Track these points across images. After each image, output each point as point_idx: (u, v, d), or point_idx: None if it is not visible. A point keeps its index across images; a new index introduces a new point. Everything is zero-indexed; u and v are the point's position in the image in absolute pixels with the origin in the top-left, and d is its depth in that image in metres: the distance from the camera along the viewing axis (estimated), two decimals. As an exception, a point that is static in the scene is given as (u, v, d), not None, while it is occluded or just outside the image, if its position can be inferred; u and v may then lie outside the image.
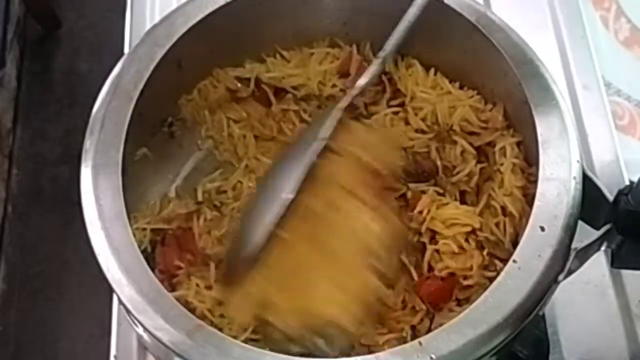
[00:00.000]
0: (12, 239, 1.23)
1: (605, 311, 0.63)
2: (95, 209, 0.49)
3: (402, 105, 0.61)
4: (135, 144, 0.54)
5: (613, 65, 0.74)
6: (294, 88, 0.62)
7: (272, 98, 0.62)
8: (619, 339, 0.62)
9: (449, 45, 0.59)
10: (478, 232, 0.55)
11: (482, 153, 0.58)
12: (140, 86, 0.53)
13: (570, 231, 0.48)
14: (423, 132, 0.59)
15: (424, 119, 0.60)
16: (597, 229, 0.51)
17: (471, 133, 0.59)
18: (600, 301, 0.64)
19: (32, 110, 1.33)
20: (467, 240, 0.55)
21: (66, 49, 1.40)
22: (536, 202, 0.49)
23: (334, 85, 0.61)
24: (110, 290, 0.60)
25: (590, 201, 0.50)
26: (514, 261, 0.47)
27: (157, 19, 0.57)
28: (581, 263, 0.51)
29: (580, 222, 0.50)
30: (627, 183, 0.66)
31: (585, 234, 0.50)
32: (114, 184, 0.50)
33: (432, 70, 0.61)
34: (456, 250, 0.54)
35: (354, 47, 0.62)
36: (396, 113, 0.60)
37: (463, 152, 0.58)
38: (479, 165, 0.58)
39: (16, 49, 1.34)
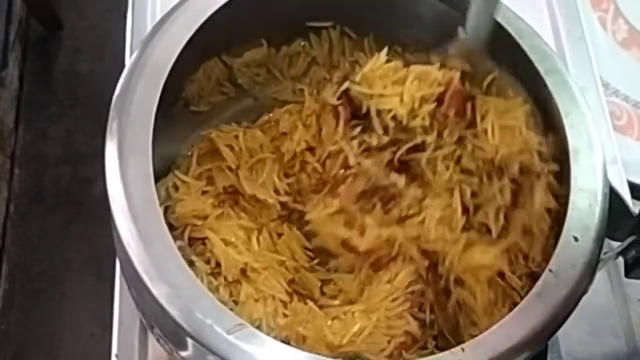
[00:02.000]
0: (13, 238, 1.23)
1: (603, 310, 0.64)
2: (124, 197, 0.45)
3: (461, 140, 0.55)
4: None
5: (611, 66, 0.74)
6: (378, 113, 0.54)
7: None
8: (617, 338, 0.62)
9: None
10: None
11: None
12: (170, 64, 0.50)
13: (600, 242, 0.49)
14: (470, 173, 0.55)
15: (476, 160, 0.55)
16: (619, 241, 0.52)
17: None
18: (599, 300, 0.64)
19: (33, 110, 1.33)
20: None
21: (68, 50, 1.40)
22: (569, 212, 0.49)
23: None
24: (111, 289, 0.60)
25: (613, 213, 0.50)
26: (550, 270, 0.47)
27: (158, 19, 0.57)
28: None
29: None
30: (626, 184, 0.67)
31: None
32: (145, 169, 0.46)
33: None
34: (486, 302, 0.53)
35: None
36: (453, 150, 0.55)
37: (501, 189, 0.55)
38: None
39: (18, 49, 1.34)
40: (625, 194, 0.66)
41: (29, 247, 1.22)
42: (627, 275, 0.53)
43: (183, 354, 0.45)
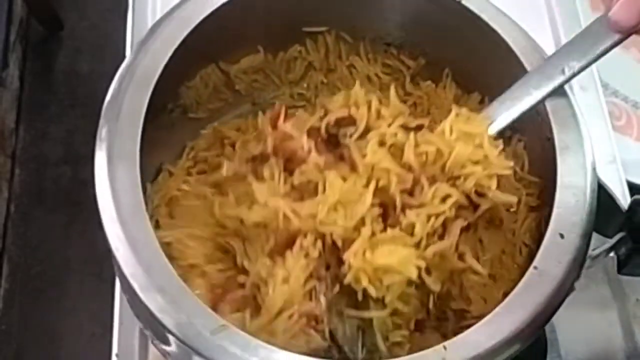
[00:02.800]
0: (14, 238, 1.23)
1: (603, 310, 0.63)
2: (112, 203, 0.46)
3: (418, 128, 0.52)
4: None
5: (610, 67, 0.74)
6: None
7: None
8: (616, 337, 0.62)
9: (459, 44, 0.57)
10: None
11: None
12: (159, 69, 0.50)
13: (587, 238, 0.48)
14: (409, 168, 0.50)
15: (420, 155, 0.50)
16: (609, 237, 0.51)
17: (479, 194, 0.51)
18: (598, 300, 0.64)
19: (34, 110, 1.34)
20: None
21: (68, 50, 1.40)
22: (555, 209, 0.48)
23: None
24: (111, 289, 0.60)
25: (602, 209, 0.50)
26: (535, 267, 0.47)
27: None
28: (588, 269, 0.51)
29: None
30: (625, 184, 0.67)
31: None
32: (132, 176, 0.47)
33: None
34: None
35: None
36: (394, 134, 0.51)
37: (444, 198, 0.50)
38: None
39: (19, 50, 1.34)
40: (625, 194, 0.67)
41: (29, 247, 1.22)
42: (619, 271, 0.53)
43: (172, 354, 0.46)
